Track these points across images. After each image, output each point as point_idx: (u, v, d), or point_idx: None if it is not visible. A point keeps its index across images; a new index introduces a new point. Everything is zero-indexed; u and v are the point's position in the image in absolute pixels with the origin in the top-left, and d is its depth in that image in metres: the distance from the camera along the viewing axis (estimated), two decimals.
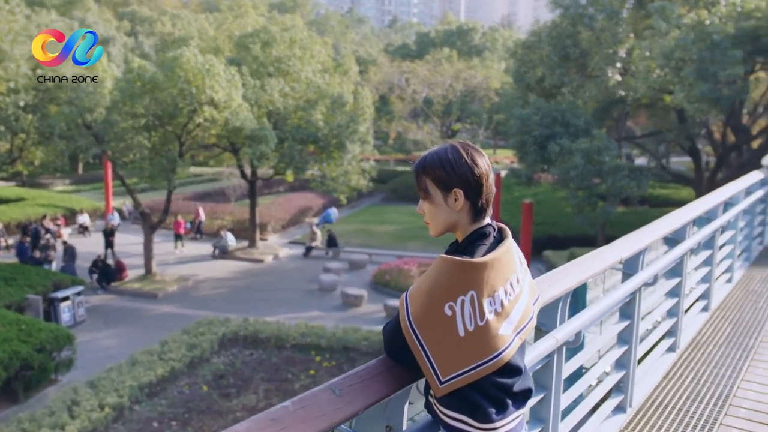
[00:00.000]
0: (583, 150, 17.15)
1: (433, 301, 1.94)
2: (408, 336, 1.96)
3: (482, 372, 1.96)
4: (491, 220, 2.15)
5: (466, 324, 1.94)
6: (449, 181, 2.06)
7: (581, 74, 18.44)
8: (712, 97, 15.96)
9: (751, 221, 8.78)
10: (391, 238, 32.21)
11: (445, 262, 1.97)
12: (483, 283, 1.96)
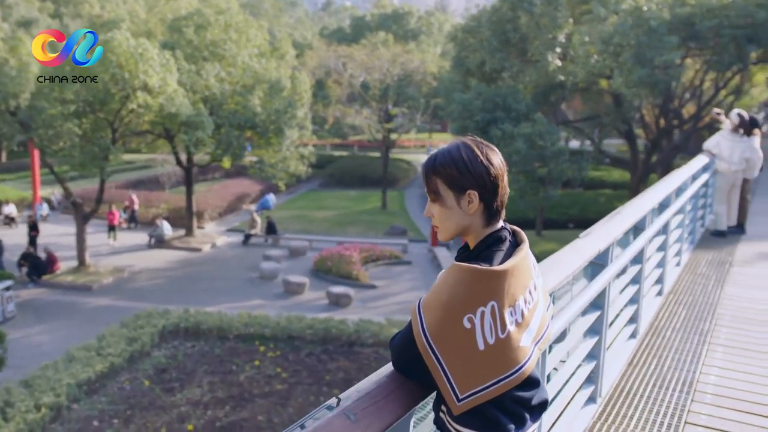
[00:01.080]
0: (525, 135, 17.28)
1: (451, 314, 1.80)
2: (424, 351, 1.82)
3: (503, 387, 1.84)
4: (505, 223, 2.00)
5: (486, 337, 1.81)
6: (463, 182, 1.91)
7: (521, 59, 18.54)
8: (650, 81, 16.29)
9: (695, 205, 8.95)
10: (330, 223, 31.99)
11: (462, 271, 1.82)
12: (504, 293, 1.83)
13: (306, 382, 14.69)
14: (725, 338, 5.83)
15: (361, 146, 50.49)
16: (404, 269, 25.19)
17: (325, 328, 16.85)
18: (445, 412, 1.92)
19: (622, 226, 4.58)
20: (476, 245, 1.94)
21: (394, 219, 33.22)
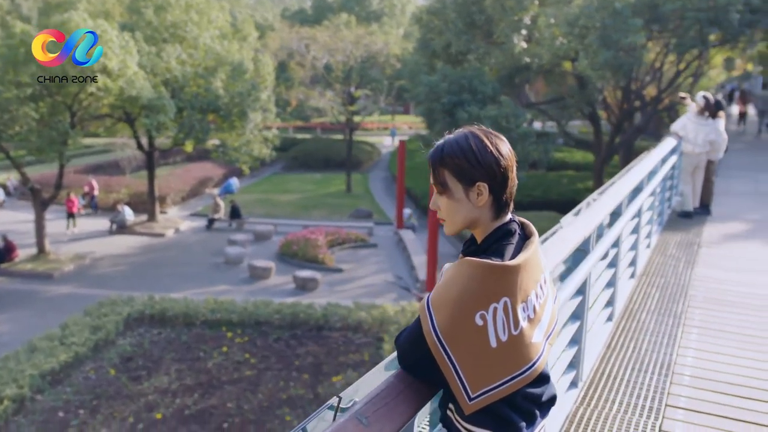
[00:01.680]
0: (491, 117, 17.28)
1: (463, 310, 1.74)
2: (435, 349, 1.76)
3: (516, 385, 1.79)
4: (513, 215, 1.94)
5: (498, 334, 1.75)
6: (473, 173, 1.84)
7: (487, 41, 18.48)
8: (615, 64, 16.40)
9: (664, 186, 9.04)
10: (295, 207, 31.78)
11: (473, 266, 1.76)
12: (517, 288, 1.78)
13: (275, 367, 14.60)
14: (699, 320, 5.91)
15: (324, 129, 50.16)
16: (370, 252, 25.16)
17: (293, 312, 16.75)
18: (453, 410, 1.87)
19: (603, 212, 4.58)
20: (485, 239, 1.88)
21: (358, 202, 33.13)
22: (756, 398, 4.50)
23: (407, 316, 17.10)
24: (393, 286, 21.16)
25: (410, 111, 63.52)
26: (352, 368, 14.70)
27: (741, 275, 7.32)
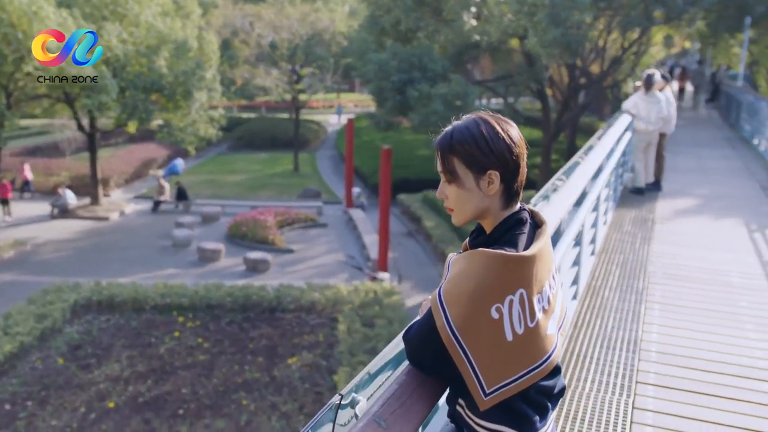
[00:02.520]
0: (442, 95, 17.23)
1: (479, 304, 1.67)
2: (449, 344, 1.69)
3: (532, 379, 1.75)
4: (523, 204, 1.88)
5: (514, 327, 1.70)
6: (484, 161, 1.76)
7: (437, 18, 18.39)
8: (563, 41, 16.52)
9: (618, 163, 9.16)
10: (242, 187, 31.36)
11: (489, 257, 1.70)
12: (533, 279, 1.72)
13: (229, 351, 14.42)
14: (660, 296, 6.01)
15: (269, 107, 49.51)
16: (320, 232, 25.02)
17: (245, 295, 16.55)
18: (463, 405, 1.82)
19: (574, 196, 4.59)
20: (495, 228, 1.81)
21: (307, 181, 32.88)
22: (721, 372, 4.60)
23: (360, 295, 17.06)
24: (345, 265, 21.11)
25: (356, 89, 63.25)
26: (307, 350, 14.63)
27: (695, 251, 7.48)
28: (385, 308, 16.50)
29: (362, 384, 1.95)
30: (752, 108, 18.15)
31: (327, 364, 14.07)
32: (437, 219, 25.16)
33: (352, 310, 16.23)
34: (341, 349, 14.33)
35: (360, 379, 1.97)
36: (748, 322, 5.48)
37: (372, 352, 14.26)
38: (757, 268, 6.97)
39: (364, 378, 1.98)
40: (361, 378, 1.97)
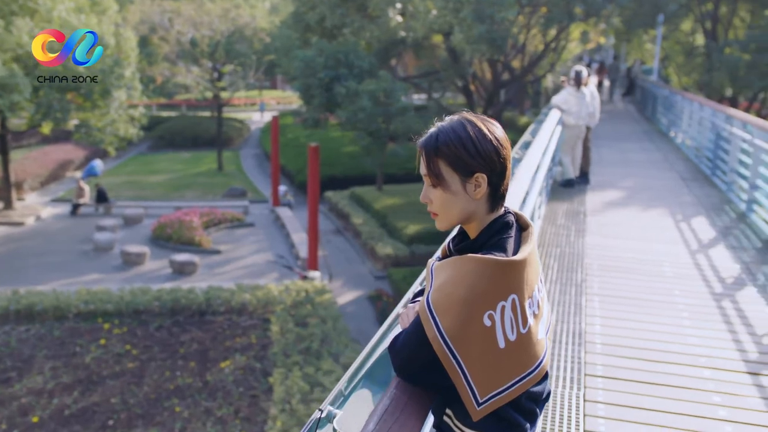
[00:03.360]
0: (370, 91, 17.17)
1: (471, 311, 1.62)
2: (443, 355, 1.63)
3: (525, 386, 1.70)
4: (507, 207, 1.84)
5: (507, 334, 1.65)
6: (472, 164, 1.71)
7: (362, 14, 18.31)
8: (489, 38, 16.73)
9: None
10: (165, 188, 30.56)
11: (478, 263, 1.64)
12: (524, 284, 1.68)
13: (159, 357, 14.02)
14: (598, 287, 6.12)
15: (190, 106, 48.46)
16: (247, 231, 24.64)
17: (173, 298, 16.13)
18: (451, 416, 1.76)
19: (522, 193, 4.62)
20: (481, 232, 1.76)
21: (231, 180, 32.31)
22: (662, 360, 4.71)
23: (292, 295, 16.88)
24: (274, 265, 20.84)
25: (278, 86, 62.62)
26: (240, 352, 14.38)
27: (627, 242, 7.67)
28: (318, 307, 16.38)
29: (341, 397, 1.89)
30: (668, 102, 18.83)
31: (261, 367, 13.86)
32: (365, 216, 25.15)
33: (284, 310, 16.04)
34: (275, 350, 14.15)
35: (338, 392, 1.90)
36: (684, 311, 5.65)
37: (306, 352, 14.14)
38: (687, 257, 7.20)
39: (341, 390, 1.91)
40: (339, 391, 1.91)
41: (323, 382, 12.73)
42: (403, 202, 26.52)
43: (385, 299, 18.95)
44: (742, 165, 10.06)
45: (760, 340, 5.25)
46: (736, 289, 6.27)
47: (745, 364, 4.79)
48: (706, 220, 8.84)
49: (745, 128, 10.05)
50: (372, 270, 21.63)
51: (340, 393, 1.89)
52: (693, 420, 3.97)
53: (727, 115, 11.55)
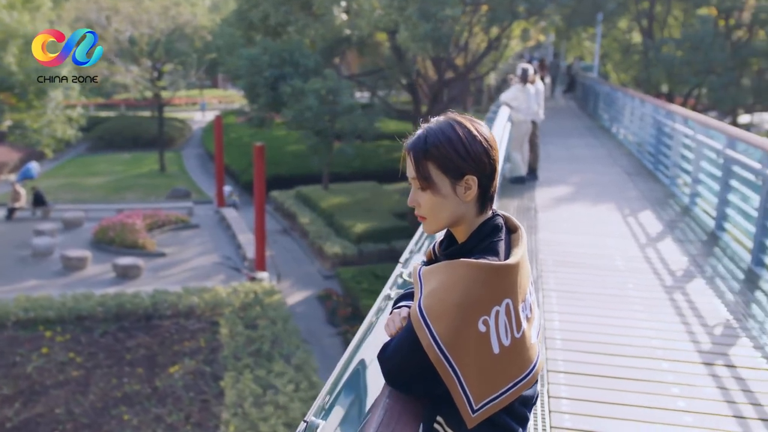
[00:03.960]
0: (316, 90, 17.04)
1: (466, 317, 1.58)
2: (438, 363, 1.59)
3: (519, 391, 1.68)
4: (495, 209, 1.81)
5: (501, 339, 1.62)
6: (462, 166, 1.67)
7: (306, 12, 18.16)
8: (434, 36, 16.80)
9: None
10: (105, 190, 29.81)
11: (472, 268, 1.61)
12: (517, 288, 1.65)
13: (104, 364, 13.66)
14: (554, 283, 6.18)
15: (129, 105, 47.39)
16: (193, 233, 24.22)
17: (118, 303, 15.74)
18: (442, 423, 1.72)
19: None
20: (471, 236, 1.72)
21: (174, 181, 31.72)
22: (620, 354, 4.78)
23: (240, 297, 16.66)
24: (221, 266, 20.54)
25: (219, 84, 61.77)
26: (189, 356, 14.12)
27: (579, 237, 7.78)
28: (267, 308, 16.22)
29: (325, 407, 1.84)
30: (609, 98, 19.23)
31: (211, 370, 13.64)
32: (312, 215, 25.00)
33: (233, 313, 15.83)
34: (225, 353, 13.95)
35: (322, 401, 1.85)
36: (637, 304, 5.75)
37: (257, 354, 13.97)
38: (636, 250, 7.34)
39: (325, 400, 1.87)
40: (323, 400, 1.86)
41: (275, 384, 12.60)
42: (349, 200, 26.46)
43: (334, 299, 18.87)
44: (685, 160, 10.33)
45: (711, 331, 5.38)
46: (685, 281, 6.41)
47: (700, 355, 4.89)
48: (652, 214, 9.04)
49: (687, 124, 10.32)
50: (320, 269, 21.51)
51: (322, 404, 1.84)
52: (655, 412, 4.04)
53: (669, 112, 11.84)
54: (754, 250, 6.85)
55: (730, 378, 4.60)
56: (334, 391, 1.90)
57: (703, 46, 23.38)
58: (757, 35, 26.67)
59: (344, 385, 1.92)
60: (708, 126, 9.10)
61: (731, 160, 7.79)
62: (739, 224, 7.75)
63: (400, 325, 1.78)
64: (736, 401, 4.31)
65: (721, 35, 25.15)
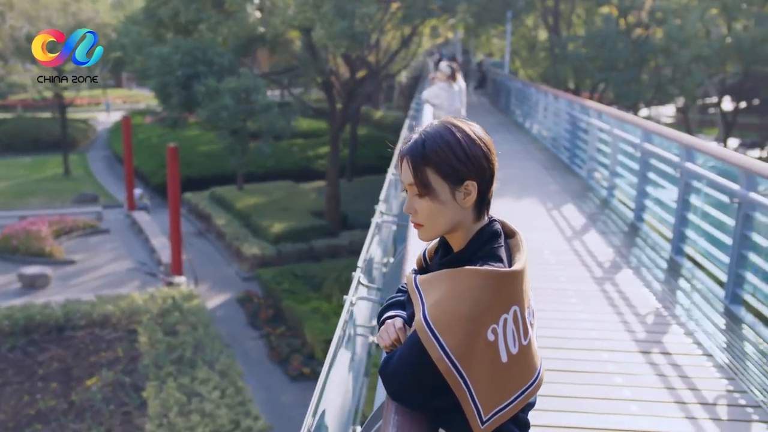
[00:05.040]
0: (231, 89, 16.67)
1: (476, 327, 1.54)
2: (449, 375, 1.54)
3: (525, 399, 1.65)
4: (490, 214, 1.77)
5: (509, 347, 1.59)
6: (462, 171, 1.63)
7: (219, 10, 17.73)
8: (350, 34, 16.71)
9: None
10: (6, 196, 28.39)
11: (480, 276, 1.56)
12: (523, 294, 1.62)
13: (14, 380, 12.99)
14: None
15: (27, 106, 45.22)
16: (103, 238, 23.41)
17: (27, 315, 15.04)
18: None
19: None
20: (470, 242, 1.67)
21: (81, 185, 30.51)
22: (562, 347, 4.87)
23: (158, 303, 16.20)
24: (136, 272, 19.93)
25: (123, 84, 59.81)
26: (107, 367, 13.61)
27: None
28: (187, 313, 15.84)
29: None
30: (521, 94, 19.66)
31: (132, 381, 13.19)
32: (227, 216, 24.57)
33: (152, 320, 15.38)
34: (145, 362, 13.52)
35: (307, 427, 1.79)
36: (573, 297, 5.87)
37: (179, 361, 13.60)
38: (564, 243, 7.51)
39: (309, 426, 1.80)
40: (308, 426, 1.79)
41: (200, 392, 12.30)
42: (265, 200, 26.12)
43: (255, 301, 18.60)
44: (601, 154, 10.65)
45: (644, 320, 5.56)
46: (614, 272, 6.60)
47: (637, 344, 5.04)
48: (574, 207, 9.28)
49: (602, 119, 10.64)
50: (239, 271, 21.17)
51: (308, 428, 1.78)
52: (603, 403, 4.12)
53: (583, 107, 12.19)
54: (674, 240, 7.12)
55: (668, 365, 4.76)
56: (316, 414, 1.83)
57: (608, 43, 24.25)
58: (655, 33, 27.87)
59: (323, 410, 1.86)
60: (624, 120, 9.42)
61: (649, 154, 8.08)
62: (657, 215, 8.05)
63: (395, 336, 1.73)
64: (676, 387, 4.45)
65: (624, 33, 26.15)
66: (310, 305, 17.49)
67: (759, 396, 4.33)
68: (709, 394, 4.40)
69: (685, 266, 6.81)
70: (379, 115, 41.41)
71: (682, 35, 24.93)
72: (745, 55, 26.47)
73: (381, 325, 1.84)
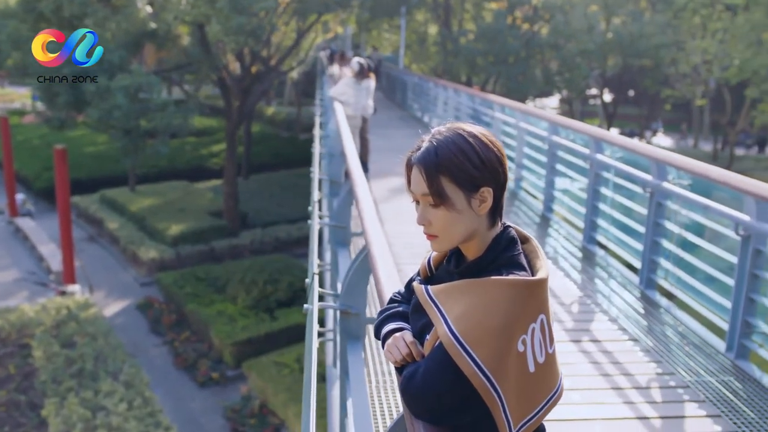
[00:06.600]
0: (124, 88, 15.93)
1: (507, 339, 1.49)
2: (482, 389, 1.48)
3: (551, 407, 1.62)
4: (503, 221, 1.72)
5: (536, 356, 1.55)
6: (477, 177, 1.57)
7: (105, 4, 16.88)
8: (248, 29, 16.33)
9: None
10: None
11: (510, 286, 1.51)
12: (548, 302, 1.59)
13: None
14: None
15: None
16: None
17: None
18: None
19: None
20: (487, 250, 1.62)
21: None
22: None
23: (51, 314, 15.39)
24: (24, 283, 18.83)
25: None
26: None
27: None
28: (84, 324, 15.13)
29: None
30: (419, 88, 19.85)
31: (27, 399, 12.46)
32: (121, 219, 23.61)
33: (46, 332, 14.58)
34: (42, 378, 12.78)
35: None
36: None
37: (79, 375, 12.95)
38: None
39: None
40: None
41: (106, 405, 11.76)
42: (160, 201, 25.26)
43: (156, 306, 17.96)
44: (507, 147, 10.88)
45: (570, 309, 5.72)
46: None
47: (567, 333, 5.17)
48: None
49: (505, 112, 10.87)
50: (136, 277, 20.38)
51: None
52: None
53: (484, 100, 12.42)
54: (585, 230, 7.35)
55: (599, 352, 4.91)
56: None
57: (500, 38, 24.90)
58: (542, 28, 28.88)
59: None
60: (530, 114, 9.65)
61: (557, 146, 8.31)
62: (567, 206, 8.30)
63: (407, 350, 1.66)
64: (610, 373, 4.60)
65: (516, 28, 26.94)
66: (215, 308, 17.04)
67: (687, 377, 4.53)
68: (641, 378, 4.57)
69: (599, 254, 7.04)
70: (272, 111, 40.84)
71: (568, 30, 25.93)
72: (624, 49, 27.88)
73: (382, 338, 1.76)
